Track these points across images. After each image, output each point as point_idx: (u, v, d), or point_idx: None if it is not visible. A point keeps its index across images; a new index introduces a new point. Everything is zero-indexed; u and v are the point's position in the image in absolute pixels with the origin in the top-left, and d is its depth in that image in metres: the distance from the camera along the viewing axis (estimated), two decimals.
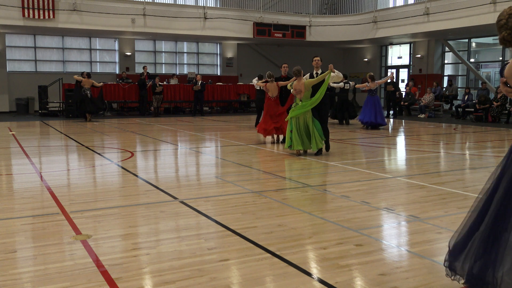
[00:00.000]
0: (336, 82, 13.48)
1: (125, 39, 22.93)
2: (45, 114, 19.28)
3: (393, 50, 25.94)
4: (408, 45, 24.63)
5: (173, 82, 21.38)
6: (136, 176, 6.99)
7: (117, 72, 22.82)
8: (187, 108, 21.80)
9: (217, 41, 24.72)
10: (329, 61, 10.35)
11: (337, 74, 8.82)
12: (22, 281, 3.26)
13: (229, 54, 25.26)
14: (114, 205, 5.33)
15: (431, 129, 14.87)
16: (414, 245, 3.98)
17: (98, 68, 23.07)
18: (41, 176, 6.96)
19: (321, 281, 3.25)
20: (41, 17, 18.53)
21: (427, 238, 4.17)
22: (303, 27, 23.27)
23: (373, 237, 4.18)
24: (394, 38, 22.95)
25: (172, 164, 8.62)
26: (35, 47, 21.87)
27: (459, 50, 22.47)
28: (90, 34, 21.94)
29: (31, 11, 18.35)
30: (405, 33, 21.04)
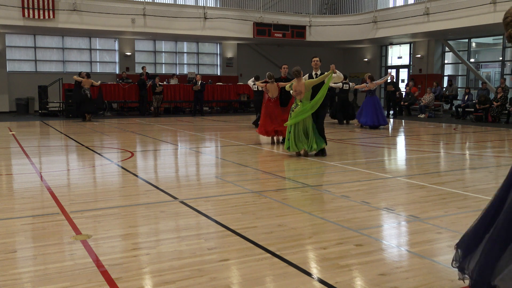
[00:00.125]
0: (336, 83, 13.47)
1: (125, 39, 22.92)
2: (45, 114, 19.28)
3: (393, 50, 25.93)
4: (408, 45, 24.63)
5: (173, 82, 21.38)
6: (136, 176, 6.99)
7: (117, 72, 22.82)
8: (187, 108, 21.80)
9: (217, 41, 24.72)
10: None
11: (338, 75, 8.77)
12: (22, 281, 3.26)
13: (229, 54, 25.26)
14: (114, 205, 5.33)
15: (431, 129, 14.87)
16: (414, 245, 3.98)
17: (98, 68, 23.07)
18: (41, 176, 6.96)
19: (321, 281, 3.25)
20: (41, 17, 18.53)
21: (427, 238, 4.17)
22: (303, 27, 23.27)
23: (373, 237, 4.18)
24: (394, 38, 22.96)
25: (172, 164, 8.61)
26: (35, 47, 21.87)
27: (459, 50, 22.47)
28: (90, 34, 21.93)
29: (31, 11, 18.35)
30: (405, 33, 21.04)
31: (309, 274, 3.38)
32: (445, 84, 22.26)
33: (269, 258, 3.66)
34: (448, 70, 23.66)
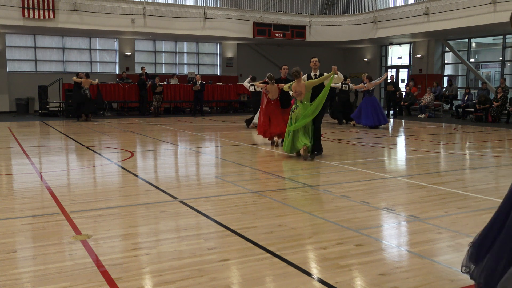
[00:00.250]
0: (335, 83, 13.45)
1: (125, 39, 22.92)
2: (45, 114, 19.28)
3: (393, 50, 25.93)
4: (408, 45, 24.63)
5: (173, 82, 21.38)
6: (136, 176, 6.99)
7: (117, 72, 22.82)
8: (187, 108, 21.80)
9: (217, 41, 24.72)
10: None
11: (339, 76, 8.75)
12: (22, 281, 3.26)
13: (229, 54, 25.25)
14: (114, 205, 5.33)
15: (431, 129, 14.87)
16: (414, 245, 3.98)
17: (98, 68, 23.07)
18: (41, 176, 6.96)
19: (321, 281, 3.25)
20: (41, 17, 18.52)
21: (427, 238, 4.17)
22: (303, 27, 23.27)
23: (373, 237, 4.18)
24: (394, 38, 22.95)
25: (172, 164, 8.61)
26: (35, 47, 21.87)
27: (459, 50, 22.47)
28: (90, 34, 21.93)
29: (31, 11, 18.35)
30: (405, 33, 21.04)
31: (309, 274, 3.38)
32: (445, 84, 22.26)
33: (269, 258, 3.66)
34: (448, 70, 23.66)
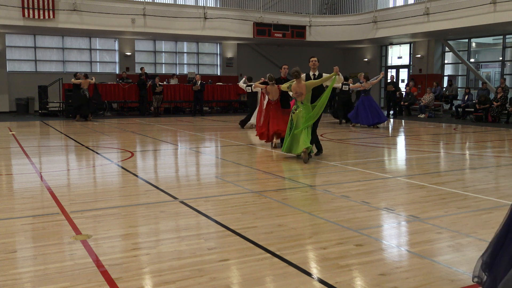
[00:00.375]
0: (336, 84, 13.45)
1: (125, 39, 22.92)
2: (45, 114, 19.29)
3: (393, 50, 25.93)
4: (408, 45, 24.63)
5: (173, 82, 21.39)
6: (136, 176, 6.99)
7: (117, 72, 22.82)
8: (187, 108, 21.80)
9: (217, 41, 24.71)
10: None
11: (339, 77, 8.76)
12: (22, 281, 3.26)
13: (229, 54, 25.25)
14: (114, 205, 5.33)
15: (431, 129, 14.87)
16: (414, 245, 3.98)
17: (98, 68, 23.07)
18: (41, 176, 6.96)
19: (321, 281, 3.25)
20: (41, 17, 18.52)
21: (427, 238, 4.17)
22: (303, 27, 23.26)
23: (373, 237, 4.18)
24: (394, 38, 22.95)
25: (172, 164, 8.61)
26: (35, 47, 21.87)
27: (459, 50, 22.47)
28: (90, 34, 21.93)
29: (31, 11, 18.35)
30: (405, 33, 21.03)
31: (309, 274, 3.38)
32: (445, 84, 22.26)
33: (269, 258, 3.66)
34: (448, 70, 23.66)
